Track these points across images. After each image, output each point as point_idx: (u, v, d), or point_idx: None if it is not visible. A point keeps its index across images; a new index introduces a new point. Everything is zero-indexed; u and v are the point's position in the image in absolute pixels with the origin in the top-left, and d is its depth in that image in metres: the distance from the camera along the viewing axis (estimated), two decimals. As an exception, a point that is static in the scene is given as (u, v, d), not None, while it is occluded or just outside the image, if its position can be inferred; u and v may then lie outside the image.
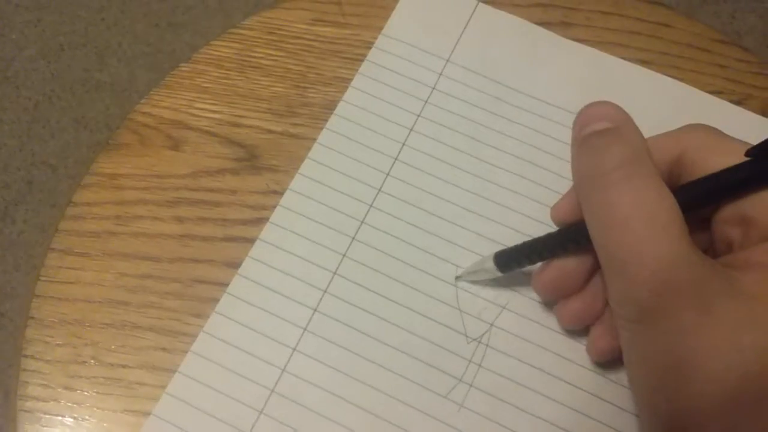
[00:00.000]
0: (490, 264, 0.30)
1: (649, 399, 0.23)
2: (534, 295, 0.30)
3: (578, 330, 0.30)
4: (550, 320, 0.30)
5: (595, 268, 0.28)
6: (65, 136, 0.97)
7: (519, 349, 0.30)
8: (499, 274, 0.30)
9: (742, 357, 0.20)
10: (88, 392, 0.29)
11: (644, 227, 0.22)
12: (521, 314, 0.30)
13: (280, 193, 0.32)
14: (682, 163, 0.25)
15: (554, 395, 0.29)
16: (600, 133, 0.24)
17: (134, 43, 1.02)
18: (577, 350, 0.30)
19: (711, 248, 0.26)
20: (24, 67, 1.01)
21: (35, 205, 0.93)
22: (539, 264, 0.29)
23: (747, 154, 0.24)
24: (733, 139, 0.25)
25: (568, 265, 0.28)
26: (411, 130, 0.34)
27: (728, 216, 0.24)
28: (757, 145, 0.24)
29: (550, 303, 0.30)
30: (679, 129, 0.26)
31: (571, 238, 0.27)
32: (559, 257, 0.28)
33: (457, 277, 0.31)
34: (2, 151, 0.96)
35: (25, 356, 0.30)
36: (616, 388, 0.29)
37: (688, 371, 0.21)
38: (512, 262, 0.29)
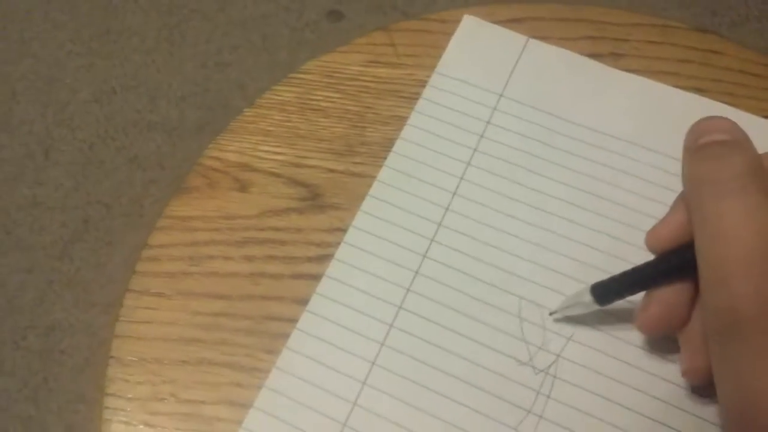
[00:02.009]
0: (588, 297, 0.29)
1: (737, 419, 0.23)
2: (599, 324, 0.31)
3: (646, 359, 0.30)
4: (617, 350, 0.31)
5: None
6: (119, 176, 1.00)
7: (587, 379, 0.30)
8: (597, 307, 0.29)
9: None
10: (167, 428, 0.30)
11: (755, 241, 0.22)
12: (587, 344, 0.31)
13: (344, 230, 0.34)
14: None
15: (624, 425, 0.29)
16: (721, 143, 0.24)
17: (183, 84, 1.06)
18: (646, 379, 0.30)
19: None
20: (78, 110, 1.05)
21: (91, 244, 0.96)
22: (639, 296, 0.28)
23: None
24: None
25: (672, 298, 0.27)
26: (468, 164, 0.35)
27: None
28: None
29: (656, 339, 0.30)
30: None
31: (674, 265, 0.26)
32: (661, 287, 0.27)
33: (551, 313, 0.31)
34: (59, 192, 0.99)
35: (107, 395, 0.31)
36: (688, 418, 0.29)
37: None
38: (611, 294, 0.29)
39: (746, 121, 0.35)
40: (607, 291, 0.29)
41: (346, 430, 0.30)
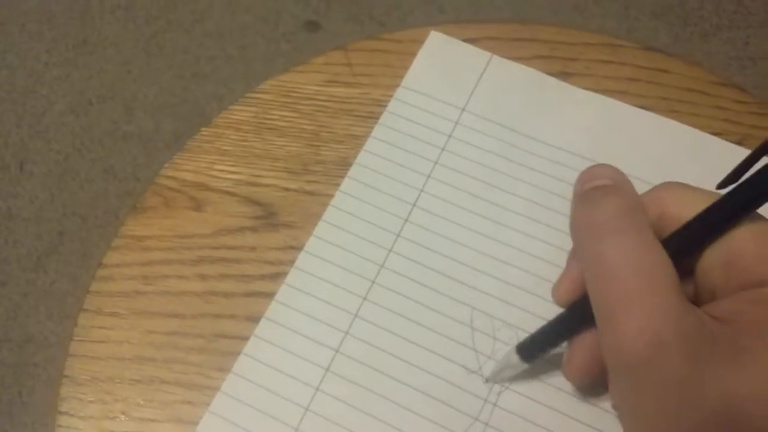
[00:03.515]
0: (515, 359, 0.30)
1: None
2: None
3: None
4: (561, 361, 0.31)
5: None
6: (94, 187, 1.00)
7: (534, 389, 0.31)
8: (526, 365, 0.30)
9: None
10: (119, 446, 0.31)
11: (632, 279, 0.23)
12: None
13: (297, 249, 0.34)
14: (664, 220, 0.26)
15: (566, 436, 0.30)
16: (598, 188, 0.26)
17: (160, 95, 1.06)
18: (591, 391, 0.31)
19: (695, 297, 0.26)
20: (54, 121, 1.04)
21: (66, 256, 0.96)
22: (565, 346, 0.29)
23: (718, 187, 0.25)
24: (708, 190, 0.26)
25: (593, 345, 0.27)
26: (428, 176, 0.36)
27: (710, 262, 0.25)
28: (726, 177, 0.25)
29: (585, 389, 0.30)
30: (656, 188, 0.27)
31: (581, 313, 0.27)
32: (580, 334, 0.28)
33: (487, 380, 0.31)
34: (34, 204, 0.99)
35: (60, 413, 0.31)
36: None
37: (676, 422, 0.22)
38: (535, 351, 0.30)
39: (693, 136, 0.36)
40: (531, 349, 0.30)
41: None
